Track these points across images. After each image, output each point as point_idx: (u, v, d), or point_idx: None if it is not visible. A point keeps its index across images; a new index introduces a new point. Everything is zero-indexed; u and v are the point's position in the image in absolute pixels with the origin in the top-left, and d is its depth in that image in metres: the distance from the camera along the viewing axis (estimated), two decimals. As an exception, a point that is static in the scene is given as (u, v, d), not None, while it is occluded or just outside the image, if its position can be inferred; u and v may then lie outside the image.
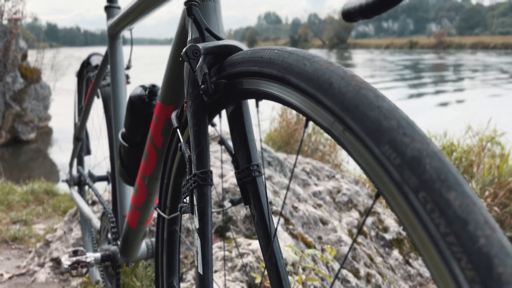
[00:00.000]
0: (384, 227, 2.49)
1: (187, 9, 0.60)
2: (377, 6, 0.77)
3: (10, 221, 2.88)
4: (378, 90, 0.37)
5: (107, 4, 1.26)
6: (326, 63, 0.41)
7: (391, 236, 2.43)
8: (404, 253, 2.42)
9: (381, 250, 2.33)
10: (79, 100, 1.70)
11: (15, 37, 7.88)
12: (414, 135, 0.32)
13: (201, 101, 0.60)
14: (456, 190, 0.29)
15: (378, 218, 2.55)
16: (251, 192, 0.63)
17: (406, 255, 2.41)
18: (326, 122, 0.39)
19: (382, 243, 2.40)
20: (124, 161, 1.05)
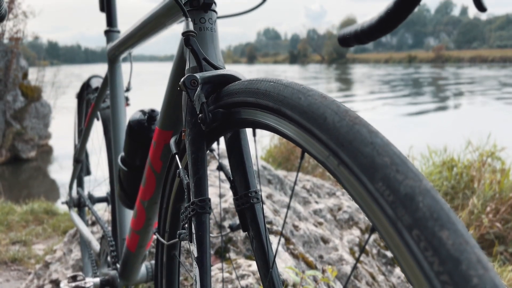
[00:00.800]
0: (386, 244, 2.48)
1: (185, 40, 0.61)
2: (372, 33, 0.78)
3: (9, 241, 2.87)
4: (372, 125, 0.37)
5: (107, 28, 1.27)
6: (320, 97, 0.42)
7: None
8: (406, 270, 2.40)
9: (383, 268, 2.31)
10: (79, 121, 1.71)
11: (16, 56, 7.95)
12: (407, 172, 0.33)
13: (199, 129, 0.61)
14: (449, 229, 0.29)
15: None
16: (250, 219, 0.63)
17: (408, 273, 2.39)
18: (321, 156, 0.40)
19: (384, 261, 2.38)
20: (123, 185, 1.05)
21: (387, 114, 13.38)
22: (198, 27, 0.66)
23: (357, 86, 26.44)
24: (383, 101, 16.75)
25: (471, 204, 3.01)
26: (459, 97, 18.30)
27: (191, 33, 0.61)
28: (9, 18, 8.17)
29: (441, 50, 77.89)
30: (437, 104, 16.03)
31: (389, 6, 0.74)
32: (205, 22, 0.66)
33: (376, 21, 0.76)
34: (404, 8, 0.73)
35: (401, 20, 0.76)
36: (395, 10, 0.74)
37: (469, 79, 29.34)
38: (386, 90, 22.29)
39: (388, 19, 0.75)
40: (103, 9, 1.29)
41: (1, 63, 7.67)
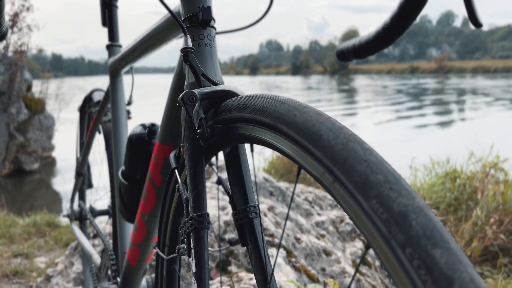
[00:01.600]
0: (389, 256, 2.46)
1: (183, 56, 0.62)
2: (369, 47, 0.79)
3: (11, 254, 2.86)
4: (366, 143, 0.38)
5: (108, 43, 1.29)
6: (315, 114, 0.42)
7: (396, 266, 2.40)
8: (410, 283, 2.38)
9: (386, 281, 2.29)
10: (81, 134, 1.72)
11: (20, 69, 8.01)
12: (400, 190, 0.33)
13: (197, 144, 0.61)
14: (442, 247, 0.29)
15: (382, 247, 2.52)
16: (248, 233, 0.63)
17: (412, 285, 2.37)
18: (317, 172, 0.40)
19: (387, 273, 2.36)
20: (124, 199, 1.05)
21: (389, 124, 13.38)
22: (197, 43, 0.67)
23: (359, 96, 26.49)
24: (385, 112, 16.76)
25: (475, 215, 2.99)
26: (462, 107, 18.28)
27: (190, 49, 0.62)
28: (14, 31, 8.26)
29: (443, 61, 78.08)
30: (439, 114, 16.02)
31: (386, 21, 0.75)
32: (204, 38, 0.67)
33: (374, 36, 0.77)
34: (401, 23, 0.74)
35: (398, 35, 0.77)
36: (392, 25, 0.74)
37: (471, 89, 29.36)
38: (388, 100, 22.31)
39: (385, 34, 0.75)
40: (105, 23, 1.30)
41: (6, 76, 7.74)
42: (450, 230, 3.02)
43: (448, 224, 3.06)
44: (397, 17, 0.73)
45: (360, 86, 37.94)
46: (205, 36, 0.67)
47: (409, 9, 0.71)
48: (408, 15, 0.72)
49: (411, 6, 0.70)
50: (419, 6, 0.71)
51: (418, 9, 0.72)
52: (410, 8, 0.71)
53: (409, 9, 0.71)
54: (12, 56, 8.08)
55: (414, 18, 0.74)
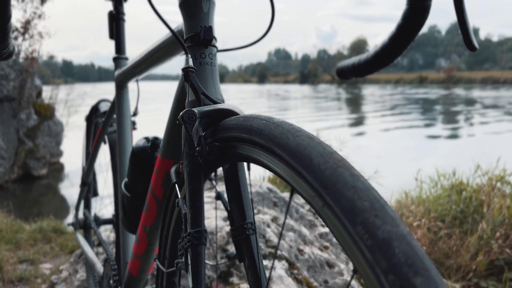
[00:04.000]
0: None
1: (185, 75, 0.63)
2: (368, 67, 0.80)
3: (17, 260, 2.89)
4: (355, 169, 0.39)
5: (115, 55, 1.31)
6: (308, 138, 0.43)
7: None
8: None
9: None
10: (87, 144, 1.75)
11: (31, 76, 8.12)
12: (385, 217, 0.34)
13: (196, 161, 0.63)
14: (422, 275, 0.30)
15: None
16: (245, 249, 0.64)
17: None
18: (308, 195, 0.41)
19: (391, 286, 2.35)
20: (126, 210, 1.07)
21: (395, 135, 13.33)
22: (199, 62, 0.69)
23: (366, 107, 26.44)
24: (391, 123, 16.71)
25: (480, 229, 2.97)
26: (469, 119, 18.18)
27: (191, 69, 0.63)
28: (25, 38, 8.38)
29: (452, 71, 77.78)
30: (446, 126, 15.94)
31: (385, 41, 0.76)
32: (205, 57, 0.69)
33: (373, 55, 0.78)
34: (399, 44, 0.75)
35: (396, 55, 0.78)
36: (390, 45, 0.76)
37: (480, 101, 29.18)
38: (395, 111, 22.25)
39: (384, 54, 0.77)
40: (112, 36, 1.33)
41: (16, 82, 7.84)
42: (456, 243, 3.00)
43: (454, 237, 3.03)
44: (396, 38, 0.74)
45: (368, 96, 37.90)
46: (206, 55, 0.69)
47: (407, 30, 0.72)
48: (406, 36, 0.73)
49: (409, 27, 0.72)
50: (417, 27, 0.73)
51: (416, 30, 0.73)
52: (408, 29, 0.72)
53: (407, 30, 0.72)
54: (23, 63, 8.19)
55: (412, 39, 0.75)
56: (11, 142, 7.63)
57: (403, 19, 0.70)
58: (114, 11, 1.32)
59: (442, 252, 3.00)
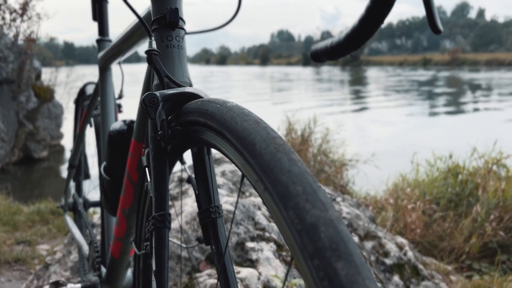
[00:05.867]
0: (385, 251, 2.47)
1: (147, 58, 0.63)
2: (340, 49, 0.79)
3: (14, 241, 2.92)
4: (294, 153, 0.38)
5: (98, 37, 1.30)
6: (254, 123, 0.43)
7: (392, 261, 2.41)
8: (405, 278, 2.39)
9: (381, 276, 2.30)
10: (75, 127, 1.75)
11: (30, 58, 8.08)
12: (315, 202, 0.34)
13: (160, 145, 0.63)
14: (345, 260, 0.30)
15: (379, 242, 2.52)
16: (212, 233, 0.65)
17: (407, 281, 2.38)
18: (253, 180, 0.41)
19: (382, 268, 2.37)
20: (106, 193, 1.07)
21: (394, 117, 13.29)
22: (165, 45, 0.68)
23: (369, 87, 26.31)
24: (393, 105, 16.64)
25: (475, 211, 2.98)
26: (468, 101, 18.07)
27: (154, 51, 0.63)
28: (23, 20, 8.32)
29: (457, 53, 77.04)
30: (445, 108, 15.86)
31: (355, 24, 0.76)
32: (172, 40, 0.68)
33: (344, 38, 0.78)
34: (369, 26, 0.74)
35: (367, 37, 0.77)
36: (360, 28, 0.75)
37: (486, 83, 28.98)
38: (396, 93, 22.13)
39: (354, 37, 0.76)
40: (95, 18, 1.32)
41: (15, 64, 7.81)
42: (450, 226, 3.01)
43: (448, 220, 3.05)
44: (365, 20, 0.73)
45: (371, 78, 37.67)
46: (173, 38, 0.68)
47: (376, 12, 0.71)
48: (375, 18, 0.72)
49: (378, 9, 0.71)
50: (386, 9, 0.72)
51: (385, 12, 0.72)
52: (377, 11, 0.71)
53: (376, 12, 0.71)
54: (22, 45, 8.14)
55: (381, 21, 0.74)
56: (11, 124, 7.64)
57: (372, 0, 0.69)
58: (97, -8, 1.30)
59: (436, 235, 3.02)
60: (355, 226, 2.53)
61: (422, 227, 3.04)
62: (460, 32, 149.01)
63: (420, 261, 2.56)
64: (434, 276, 2.47)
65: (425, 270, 2.43)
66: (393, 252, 2.47)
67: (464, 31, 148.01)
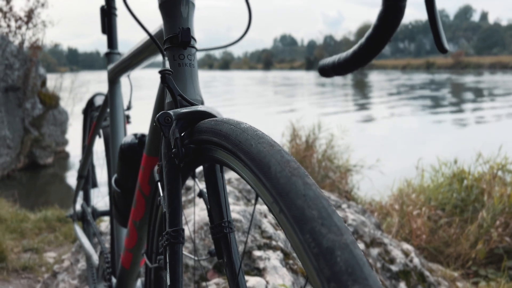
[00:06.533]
0: (391, 258, 2.47)
1: (161, 78, 0.64)
2: (347, 65, 0.81)
3: (22, 249, 2.94)
4: (309, 177, 0.40)
5: (107, 50, 1.32)
6: (268, 145, 0.44)
7: (398, 267, 2.41)
8: (411, 285, 2.39)
9: (387, 283, 2.31)
10: (84, 137, 1.77)
11: (35, 65, 8.14)
12: (330, 226, 0.35)
13: (173, 162, 0.64)
14: (360, 283, 0.31)
15: (385, 249, 2.53)
16: (224, 248, 0.66)
17: (414, 287, 2.38)
18: (268, 201, 0.42)
19: (389, 275, 2.38)
20: (117, 205, 1.09)
21: (399, 121, 13.27)
22: (177, 63, 0.70)
23: (372, 93, 26.30)
24: (396, 108, 16.62)
25: (480, 217, 2.97)
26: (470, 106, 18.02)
27: (167, 71, 0.64)
28: (29, 27, 8.39)
29: (460, 56, 76.93)
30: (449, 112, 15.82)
31: (362, 41, 0.77)
32: (184, 58, 0.70)
33: (351, 55, 0.79)
34: (376, 44, 0.76)
35: (374, 54, 0.79)
36: (367, 45, 0.76)
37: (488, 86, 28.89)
38: (401, 97, 22.10)
39: (361, 54, 0.77)
40: (105, 31, 1.34)
41: (21, 71, 7.87)
42: (455, 232, 3.01)
43: (454, 226, 3.05)
44: (372, 38, 0.75)
45: (374, 82, 37.63)
46: (185, 56, 0.70)
47: (383, 30, 0.73)
48: (382, 36, 0.74)
49: (385, 27, 0.72)
50: (392, 27, 0.73)
51: (392, 30, 0.74)
52: (384, 29, 0.73)
53: (383, 30, 0.73)
54: (27, 52, 8.21)
55: (388, 39, 0.76)
56: (17, 131, 7.70)
57: (379, 19, 0.71)
58: (106, 6, 1.32)
59: (442, 241, 3.02)
60: (361, 233, 2.53)
61: (427, 233, 3.04)
62: (463, 36, 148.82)
63: (426, 267, 2.56)
64: (440, 283, 2.47)
65: (431, 277, 2.43)
66: (399, 258, 2.47)
67: (467, 34, 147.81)
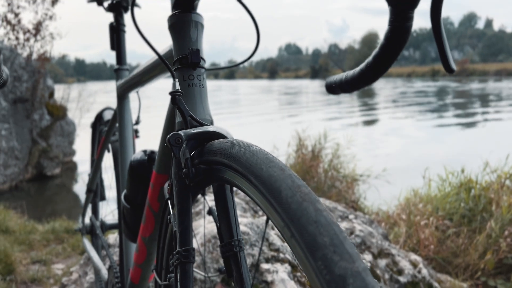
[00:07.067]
0: (399, 269, 2.46)
1: (172, 99, 0.66)
2: (354, 83, 0.82)
3: (30, 261, 2.95)
4: (320, 202, 0.41)
5: (116, 67, 1.34)
6: (279, 169, 0.45)
7: (406, 278, 2.39)
8: (420, 296, 2.37)
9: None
10: (93, 151, 1.78)
11: (43, 76, 8.23)
12: (342, 253, 0.36)
13: (184, 182, 0.65)
14: (373, 312, 0.32)
15: (393, 260, 2.51)
16: (233, 266, 0.66)
17: (422, 299, 2.37)
18: (279, 225, 0.43)
19: (397, 286, 2.36)
20: (126, 221, 1.10)
21: (405, 129, 13.23)
22: (187, 84, 0.71)
23: (378, 99, 26.27)
24: (401, 117, 16.58)
25: (489, 227, 2.95)
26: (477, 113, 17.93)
27: (177, 93, 0.66)
28: (37, 39, 8.50)
29: (465, 64, 76.77)
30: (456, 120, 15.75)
31: (369, 60, 0.78)
32: (194, 79, 0.71)
33: (358, 73, 0.80)
34: (383, 63, 0.77)
35: (381, 73, 0.80)
36: (374, 64, 0.77)
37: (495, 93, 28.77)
38: (405, 104, 22.06)
39: (368, 72, 0.78)
40: (114, 47, 1.36)
41: (29, 83, 7.96)
42: (464, 242, 2.99)
43: (462, 236, 3.02)
44: (379, 57, 0.76)
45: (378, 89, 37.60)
46: (194, 77, 0.71)
47: (389, 50, 0.74)
48: (388, 55, 0.75)
49: (392, 47, 0.73)
50: (399, 47, 0.74)
51: (398, 50, 0.75)
52: (391, 49, 0.74)
53: (390, 50, 0.74)
54: (35, 64, 8.30)
55: (394, 58, 0.77)
56: (25, 142, 7.76)
57: (386, 39, 0.72)
58: (114, 22, 1.35)
59: (450, 251, 3.00)
60: (368, 244, 2.52)
61: (435, 243, 3.02)
62: (468, 43, 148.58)
63: (435, 278, 2.54)
64: (449, 294, 2.45)
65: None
66: (407, 269, 2.45)
67: (472, 42, 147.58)
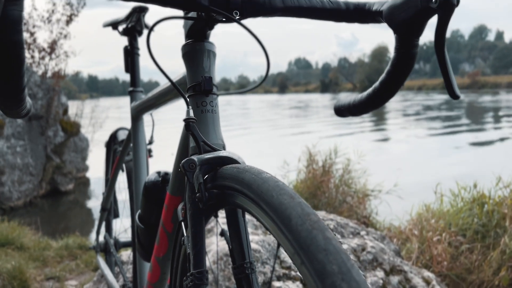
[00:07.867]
0: (412, 286, 2.44)
1: (185, 125, 0.68)
2: (362, 107, 0.84)
3: (44, 277, 2.99)
4: (328, 230, 0.43)
5: (130, 89, 1.38)
6: (289, 197, 0.47)
7: (419, 296, 2.38)
8: (433, 314, 2.35)
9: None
10: (107, 171, 1.82)
11: (58, 94, 8.39)
12: (350, 281, 0.38)
13: (197, 205, 0.67)
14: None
15: (405, 277, 2.50)
16: (246, 287, 0.68)
17: (436, 317, 2.34)
18: (289, 252, 0.45)
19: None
20: (140, 240, 1.12)
21: (416, 143, 13.16)
22: (200, 110, 0.74)
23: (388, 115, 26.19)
24: (412, 130, 16.50)
25: (503, 243, 2.92)
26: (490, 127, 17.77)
27: (191, 120, 0.68)
28: (52, 58, 8.69)
29: (477, 76, 76.28)
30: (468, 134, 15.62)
31: (376, 86, 0.81)
32: (207, 105, 0.74)
33: (366, 97, 0.83)
34: (389, 88, 0.79)
35: (388, 97, 0.82)
36: (381, 89, 0.80)
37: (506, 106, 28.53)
38: (416, 119, 21.96)
39: (375, 97, 0.81)
40: (128, 70, 1.40)
41: (44, 100, 8.11)
42: (477, 258, 2.96)
43: (475, 252, 2.99)
44: (386, 82, 0.78)
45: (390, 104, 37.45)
46: (207, 103, 0.74)
47: (396, 75, 0.76)
48: (395, 81, 0.77)
49: (398, 73, 0.76)
50: (405, 73, 0.77)
51: (404, 75, 0.77)
52: (397, 74, 0.76)
53: (396, 75, 0.76)
54: (50, 82, 8.47)
55: (401, 83, 0.79)
56: (39, 158, 7.88)
57: (392, 65, 0.74)
58: (129, 46, 1.39)
59: (464, 267, 2.96)
60: (380, 261, 2.51)
61: (448, 260, 2.99)
62: (479, 55, 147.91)
63: (449, 296, 2.51)
64: (463, 312, 2.42)
65: (454, 306, 2.39)
66: (420, 286, 2.43)
67: (483, 54, 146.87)
